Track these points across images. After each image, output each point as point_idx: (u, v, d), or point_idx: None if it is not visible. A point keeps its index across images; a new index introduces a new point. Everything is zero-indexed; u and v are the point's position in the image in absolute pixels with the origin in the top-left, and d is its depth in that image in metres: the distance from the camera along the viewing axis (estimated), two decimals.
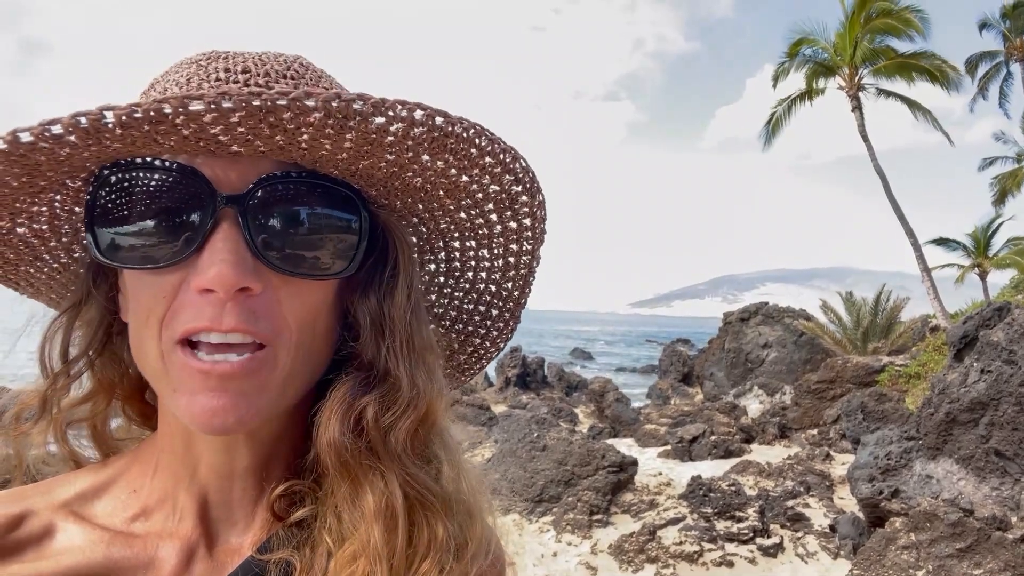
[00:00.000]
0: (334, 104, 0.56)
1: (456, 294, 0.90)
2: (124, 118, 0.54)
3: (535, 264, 0.84)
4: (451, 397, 0.80)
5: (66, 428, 0.79)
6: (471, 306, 0.91)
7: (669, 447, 12.49)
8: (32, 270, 0.81)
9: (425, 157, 0.64)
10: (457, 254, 0.84)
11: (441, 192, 0.72)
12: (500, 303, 0.89)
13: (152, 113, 0.53)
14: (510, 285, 0.87)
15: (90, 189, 0.65)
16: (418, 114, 0.59)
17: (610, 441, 12.38)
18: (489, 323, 0.92)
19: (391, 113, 0.58)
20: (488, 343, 0.95)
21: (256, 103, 0.54)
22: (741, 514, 7.91)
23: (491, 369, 22.92)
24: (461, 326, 0.93)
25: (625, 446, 12.46)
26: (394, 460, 0.70)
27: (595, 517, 8.38)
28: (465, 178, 0.69)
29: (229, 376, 0.63)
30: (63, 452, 0.79)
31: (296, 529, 0.71)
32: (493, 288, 0.88)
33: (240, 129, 0.57)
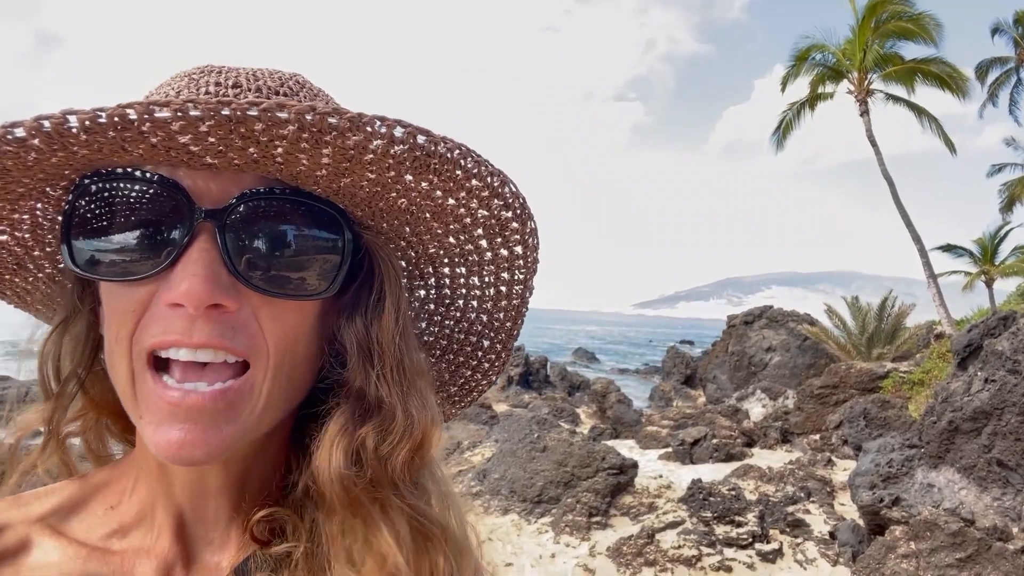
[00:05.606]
0: (308, 117, 0.54)
1: (447, 322, 0.87)
2: (87, 123, 0.52)
3: (528, 294, 0.81)
4: (443, 426, 0.77)
5: (63, 442, 0.77)
6: (462, 335, 0.88)
7: (670, 449, 12.47)
8: (17, 279, 0.79)
9: (408, 177, 0.62)
10: (447, 281, 0.82)
11: (428, 215, 0.69)
12: (492, 333, 0.87)
13: (116, 119, 0.52)
14: (502, 315, 0.84)
15: (69, 197, 0.63)
16: (398, 131, 0.57)
17: (611, 442, 12.38)
18: (480, 354, 0.89)
19: (369, 129, 0.56)
20: (479, 375, 0.92)
21: (225, 112, 0.52)
22: (741, 519, 7.89)
23: None
24: (452, 356, 0.91)
25: (626, 448, 12.46)
26: (394, 491, 0.69)
27: (594, 519, 8.38)
28: (452, 201, 0.67)
29: (200, 409, 0.61)
30: (60, 462, 0.77)
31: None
32: (484, 318, 0.85)
33: (211, 139, 0.55)
